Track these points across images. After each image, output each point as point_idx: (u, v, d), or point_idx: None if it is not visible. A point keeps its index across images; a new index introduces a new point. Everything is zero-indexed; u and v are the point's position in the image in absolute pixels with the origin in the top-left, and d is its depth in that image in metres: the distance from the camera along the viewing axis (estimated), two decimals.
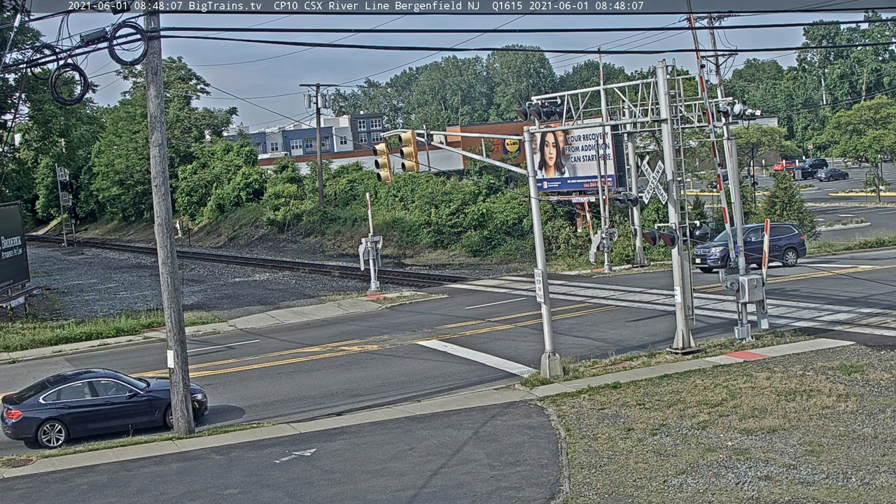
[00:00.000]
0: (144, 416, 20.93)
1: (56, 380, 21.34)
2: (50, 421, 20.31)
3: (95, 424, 20.62)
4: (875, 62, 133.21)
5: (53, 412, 20.36)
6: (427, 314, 34.10)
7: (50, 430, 20.29)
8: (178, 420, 19.96)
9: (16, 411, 20.28)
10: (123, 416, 20.77)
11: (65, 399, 20.61)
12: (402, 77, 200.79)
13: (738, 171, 40.88)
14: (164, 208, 19.88)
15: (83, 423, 20.55)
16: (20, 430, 20.22)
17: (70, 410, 20.52)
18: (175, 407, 20.01)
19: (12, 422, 20.20)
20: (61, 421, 20.37)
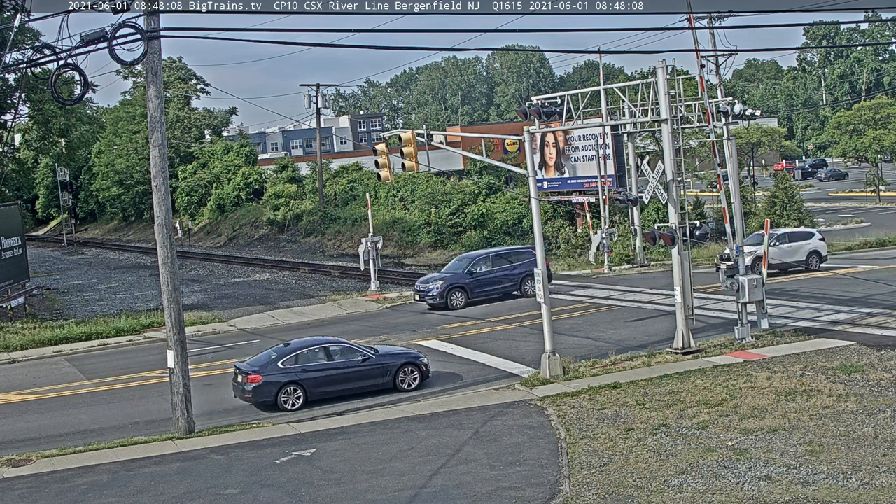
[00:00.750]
0: (377, 379, 22.59)
1: (290, 346, 22.72)
2: (289, 385, 21.76)
3: (331, 387, 22.15)
4: (875, 62, 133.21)
5: (293, 376, 21.80)
6: (427, 314, 34.11)
7: (289, 393, 21.75)
8: (178, 420, 19.96)
9: (256, 376, 21.65)
10: (357, 380, 22.36)
11: (302, 364, 22.06)
12: (402, 77, 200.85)
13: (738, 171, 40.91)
14: (164, 208, 19.88)
15: (320, 386, 22.08)
16: (261, 394, 21.62)
17: (308, 374, 21.98)
18: (175, 407, 20.01)
19: (253, 386, 21.55)
20: (300, 384, 21.87)
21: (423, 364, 23.10)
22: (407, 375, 22.82)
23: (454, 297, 33.91)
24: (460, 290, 34.08)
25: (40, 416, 22.86)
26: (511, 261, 34.83)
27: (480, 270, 34.52)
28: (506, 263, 34.96)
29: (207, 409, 21.89)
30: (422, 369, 23.02)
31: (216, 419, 21.22)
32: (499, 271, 34.82)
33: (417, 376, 22.91)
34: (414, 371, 22.92)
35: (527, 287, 34.22)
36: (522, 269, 34.59)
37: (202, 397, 22.61)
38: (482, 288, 34.35)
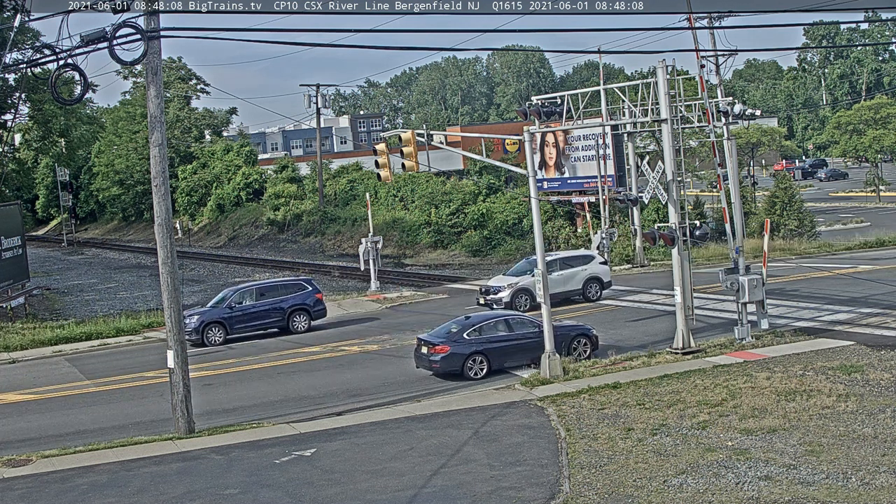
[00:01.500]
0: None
1: (471, 319, 24.33)
2: (475, 355, 23.27)
3: (511, 357, 23.66)
4: (875, 62, 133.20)
5: (478, 346, 23.34)
6: (427, 314, 34.08)
7: (474, 363, 23.25)
8: (178, 420, 19.95)
9: (444, 346, 23.16)
10: (533, 350, 23.41)
11: (486, 335, 23.57)
12: (402, 77, 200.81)
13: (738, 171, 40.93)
14: (164, 208, 19.87)
15: (501, 355, 23.56)
16: (448, 363, 23.15)
17: (491, 345, 23.50)
18: (175, 407, 20.00)
19: (441, 356, 23.12)
20: (484, 354, 23.36)
21: (593, 335, 24.97)
22: (580, 345, 24.57)
23: (211, 333, 30.44)
24: (218, 326, 30.60)
25: (40, 416, 22.85)
26: (279, 294, 31.68)
27: (244, 304, 31.13)
28: (273, 296, 31.65)
29: (208, 409, 21.90)
30: (592, 340, 24.85)
31: (216, 419, 21.22)
32: (264, 305, 31.38)
33: (588, 346, 24.70)
34: (586, 342, 24.74)
35: (295, 322, 31.46)
36: (291, 302, 31.62)
37: (202, 397, 22.62)
38: (245, 323, 30.97)
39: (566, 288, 32.67)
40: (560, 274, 32.59)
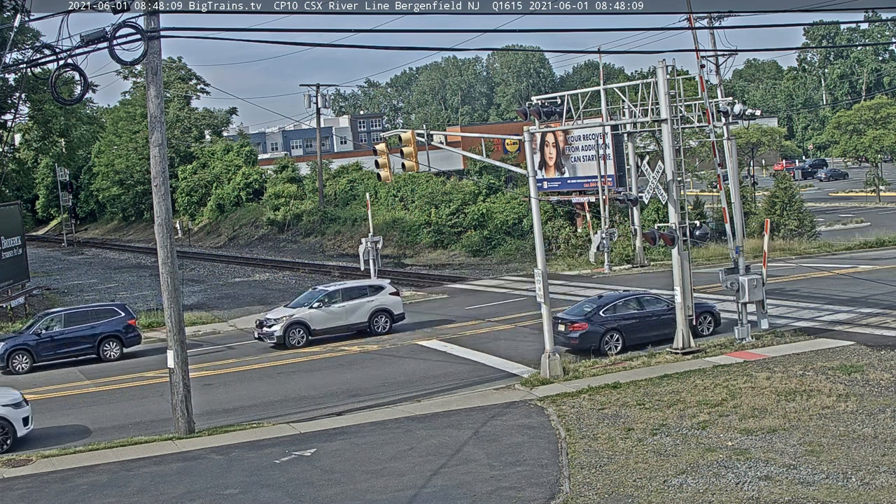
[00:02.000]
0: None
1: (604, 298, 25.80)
2: (611, 331, 24.61)
3: (642, 334, 24.83)
4: (875, 62, 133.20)
5: (613, 324, 24.71)
6: (427, 314, 34.09)
7: (610, 339, 24.55)
8: (178, 420, 19.96)
9: (582, 324, 24.61)
10: (663, 326, 24.76)
11: (620, 312, 24.97)
12: (402, 77, 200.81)
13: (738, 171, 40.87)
14: (164, 208, 19.88)
15: (634, 332, 24.78)
16: (586, 340, 24.54)
17: (626, 322, 24.86)
18: (175, 407, 20.01)
19: (579, 333, 24.57)
20: (619, 331, 24.67)
21: (717, 313, 26.24)
22: (704, 322, 25.90)
23: (17, 360, 28.31)
24: (24, 353, 28.39)
25: (40, 416, 22.80)
26: (89, 320, 29.43)
27: (52, 330, 28.90)
28: (83, 322, 29.35)
29: (208, 409, 21.90)
30: (716, 317, 26.20)
31: (216, 419, 21.22)
32: (73, 331, 29.04)
33: (712, 323, 26.10)
34: (710, 319, 26.07)
35: (106, 349, 29.20)
36: (102, 329, 29.32)
37: (202, 397, 22.63)
38: (52, 350, 28.79)
39: (349, 321, 29.91)
40: (342, 306, 29.89)
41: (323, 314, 29.57)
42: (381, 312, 30.45)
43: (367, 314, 30.26)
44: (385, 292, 30.85)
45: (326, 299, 29.95)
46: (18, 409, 20.11)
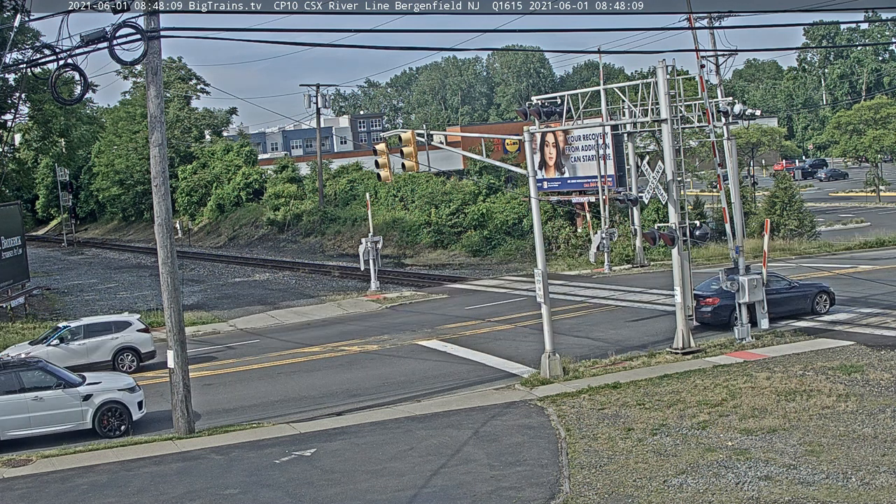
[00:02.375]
0: (799, 304, 27.22)
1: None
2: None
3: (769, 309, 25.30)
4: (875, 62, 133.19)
5: None
6: (427, 314, 34.10)
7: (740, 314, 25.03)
8: (178, 420, 19.96)
9: (714, 299, 26.12)
10: (786, 303, 26.53)
11: None
12: (402, 77, 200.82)
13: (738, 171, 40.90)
14: (164, 208, 19.88)
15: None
16: (718, 314, 26.21)
17: None
18: (175, 407, 20.01)
19: (712, 308, 26.21)
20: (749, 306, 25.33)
21: (832, 292, 27.66)
22: (821, 301, 27.30)
23: None
24: None
25: None
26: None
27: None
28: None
29: (208, 409, 21.90)
30: (831, 296, 27.59)
31: (216, 419, 21.23)
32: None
33: (828, 302, 27.45)
34: (826, 298, 27.44)
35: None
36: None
37: (202, 397, 22.63)
38: None
39: (91, 359, 27.06)
40: (83, 343, 27.24)
41: (61, 352, 26.77)
42: (126, 350, 27.57)
43: (110, 352, 27.42)
44: (132, 329, 27.98)
45: (68, 336, 27.32)
46: (133, 394, 21.14)
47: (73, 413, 20.55)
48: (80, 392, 20.71)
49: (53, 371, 21.23)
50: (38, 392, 20.46)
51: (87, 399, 20.64)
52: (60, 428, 20.43)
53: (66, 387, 20.73)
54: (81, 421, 20.57)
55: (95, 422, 20.57)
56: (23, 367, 21.23)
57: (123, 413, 20.73)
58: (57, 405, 20.50)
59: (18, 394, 20.36)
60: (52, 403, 20.45)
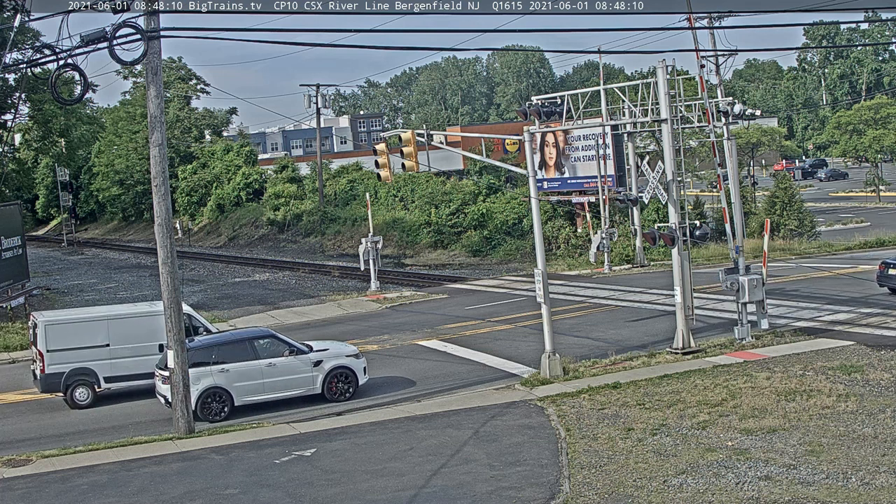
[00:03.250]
0: None
1: None
2: None
3: None
4: (875, 62, 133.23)
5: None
6: (427, 314, 34.10)
7: None
8: (178, 420, 19.96)
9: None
10: None
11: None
12: (402, 77, 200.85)
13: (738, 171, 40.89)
14: (164, 208, 19.88)
15: None
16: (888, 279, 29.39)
17: None
18: (175, 407, 20.01)
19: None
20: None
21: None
22: None
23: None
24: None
25: (40, 416, 22.86)
26: None
27: None
28: None
29: None
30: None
31: None
32: None
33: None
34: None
35: None
36: None
37: None
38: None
39: None
40: None
41: None
42: None
43: None
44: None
45: None
46: (358, 360, 22.57)
47: (304, 378, 21.96)
48: (311, 358, 22.08)
49: (284, 339, 22.50)
50: (271, 359, 21.74)
51: (318, 365, 22.04)
52: (292, 393, 21.92)
53: (296, 354, 22.00)
54: (312, 386, 22.03)
55: (324, 387, 22.05)
56: (256, 335, 22.41)
57: (350, 378, 22.22)
58: (289, 371, 21.82)
59: (252, 361, 21.61)
60: (284, 370, 21.78)
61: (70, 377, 23.41)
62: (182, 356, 19.98)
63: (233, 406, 21.37)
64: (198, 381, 20.90)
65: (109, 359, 23.69)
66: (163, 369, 21.10)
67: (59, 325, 23.95)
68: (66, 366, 23.37)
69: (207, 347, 21.80)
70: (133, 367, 23.58)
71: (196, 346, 21.63)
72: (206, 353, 21.56)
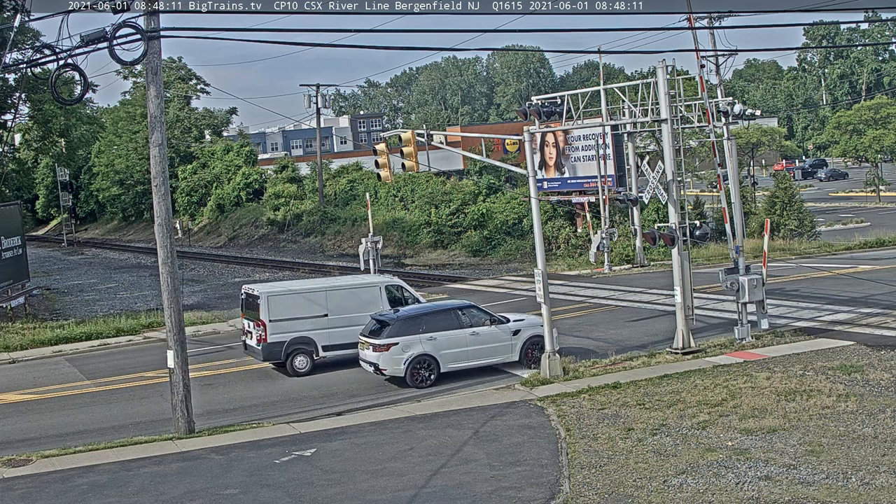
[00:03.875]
0: None
1: None
2: None
3: None
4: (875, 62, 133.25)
5: None
6: None
7: None
8: (178, 420, 19.95)
9: None
10: None
11: None
12: (402, 77, 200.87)
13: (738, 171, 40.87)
14: (164, 208, 19.87)
15: None
16: None
17: None
18: (175, 407, 20.00)
19: None
20: None
21: None
22: None
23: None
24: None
25: (40, 416, 22.85)
26: None
27: None
28: None
29: (208, 409, 21.89)
30: None
31: (216, 419, 21.22)
32: None
33: None
34: None
35: None
36: None
37: (202, 397, 22.62)
38: None
39: None
40: None
41: None
42: None
43: None
44: None
45: None
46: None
47: (504, 346, 23.43)
48: (510, 328, 23.56)
49: (485, 310, 24.09)
50: (474, 328, 23.20)
51: (516, 334, 23.57)
52: (491, 360, 23.43)
53: (497, 323, 23.46)
54: (510, 354, 23.51)
55: (522, 354, 23.55)
56: (461, 306, 23.94)
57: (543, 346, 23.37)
58: (491, 340, 23.32)
59: (458, 330, 23.11)
60: (486, 338, 23.27)
61: (290, 346, 24.80)
62: (182, 356, 19.96)
63: (439, 373, 22.80)
64: (408, 349, 22.54)
65: (327, 328, 25.15)
66: (366, 336, 23.12)
67: (280, 297, 25.23)
68: (287, 335, 24.70)
69: (417, 317, 23.19)
70: (348, 336, 24.86)
71: (406, 315, 23.25)
72: (415, 322, 23.00)
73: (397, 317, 23.20)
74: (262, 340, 24.77)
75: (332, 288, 26.02)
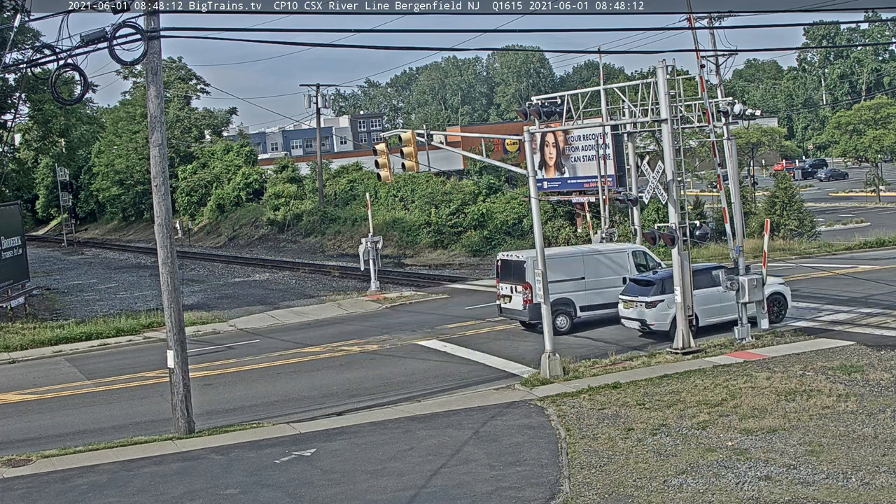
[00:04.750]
0: None
1: None
2: None
3: None
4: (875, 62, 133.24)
5: None
6: (427, 314, 34.10)
7: None
8: (178, 420, 19.96)
9: None
10: None
11: None
12: (402, 77, 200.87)
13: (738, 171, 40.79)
14: (164, 208, 19.87)
15: None
16: None
17: None
18: (175, 407, 20.00)
19: None
20: None
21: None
22: None
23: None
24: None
25: (40, 416, 22.85)
26: None
27: None
28: None
29: (208, 409, 21.90)
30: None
31: (216, 419, 21.22)
32: None
33: None
34: None
35: None
36: None
37: (202, 397, 22.62)
38: None
39: None
40: None
41: None
42: None
43: None
44: None
45: None
46: (786, 287, 27.24)
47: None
48: None
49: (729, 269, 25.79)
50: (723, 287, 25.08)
51: None
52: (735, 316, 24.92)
53: None
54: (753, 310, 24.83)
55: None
56: (714, 267, 26.62)
57: (783, 302, 26.65)
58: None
59: (711, 288, 25.69)
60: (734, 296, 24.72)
61: (553, 306, 25.67)
62: (182, 356, 19.96)
63: (698, 327, 25.06)
64: (671, 306, 24.48)
65: (584, 290, 28.10)
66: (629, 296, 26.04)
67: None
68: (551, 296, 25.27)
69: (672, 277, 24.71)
70: (602, 297, 28.06)
71: (668, 274, 25.24)
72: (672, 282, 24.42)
73: (660, 276, 25.77)
74: (528, 302, 27.23)
75: (588, 253, 28.85)
